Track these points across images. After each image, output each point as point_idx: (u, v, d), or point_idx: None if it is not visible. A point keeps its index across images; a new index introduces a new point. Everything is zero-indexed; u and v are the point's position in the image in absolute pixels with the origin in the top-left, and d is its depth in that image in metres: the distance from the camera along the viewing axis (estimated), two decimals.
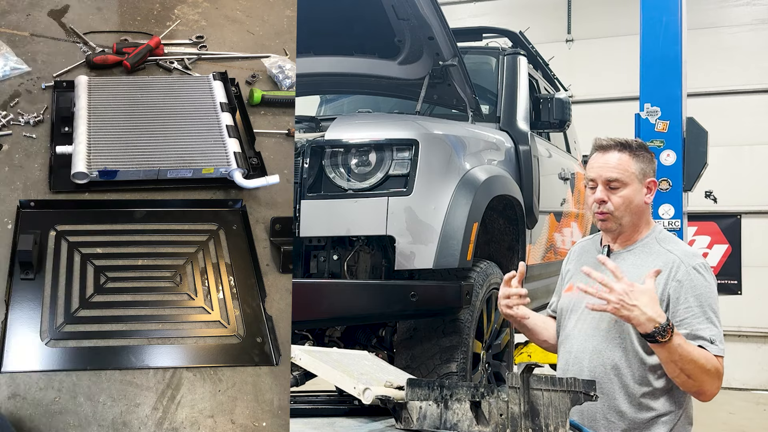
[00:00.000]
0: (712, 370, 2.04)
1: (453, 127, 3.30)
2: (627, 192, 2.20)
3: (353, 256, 2.93)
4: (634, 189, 2.21)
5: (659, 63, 3.70)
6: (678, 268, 2.16)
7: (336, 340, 3.29)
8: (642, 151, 2.26)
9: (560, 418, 1.67)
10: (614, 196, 2.20)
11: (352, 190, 2.84)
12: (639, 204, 2.23)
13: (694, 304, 2.11)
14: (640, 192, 2.23)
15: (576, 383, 1.72)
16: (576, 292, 2.28)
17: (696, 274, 2.16)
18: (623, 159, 2.21)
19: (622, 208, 2.21)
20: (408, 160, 2.86)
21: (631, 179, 2.20)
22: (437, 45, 3.37)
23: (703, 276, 2.18)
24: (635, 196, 2.21)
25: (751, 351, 8.26)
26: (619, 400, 2.15)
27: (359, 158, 2.89)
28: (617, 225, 2.24)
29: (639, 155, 2.23)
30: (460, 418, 1.70)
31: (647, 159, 2.26)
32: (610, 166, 2.21)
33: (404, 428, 1.78)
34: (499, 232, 3.90)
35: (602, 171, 2.22)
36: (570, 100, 4.26)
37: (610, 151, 2.23)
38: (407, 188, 2.84)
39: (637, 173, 2.21)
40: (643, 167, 2.23)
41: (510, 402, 1.67)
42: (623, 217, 2.22)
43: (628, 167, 2.20)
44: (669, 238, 2.30)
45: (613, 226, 2.24)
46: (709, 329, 2.08)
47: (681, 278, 2.14)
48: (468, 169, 3.14)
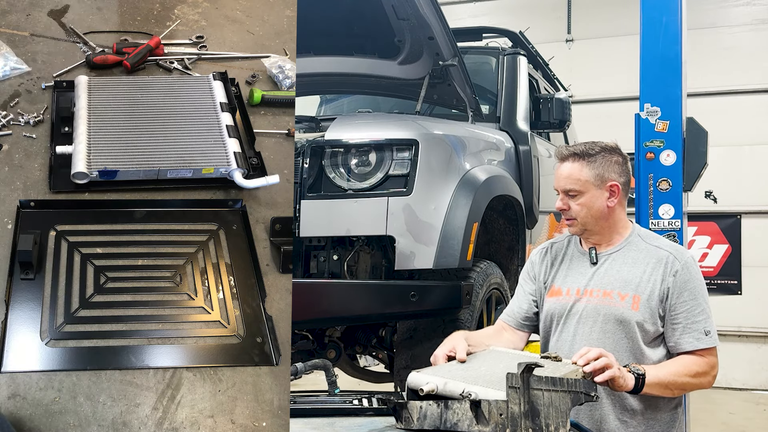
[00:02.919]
0: (702, 370, 2.15)
1: (453, 127, 3.30)
2: (584, 199, 2.26)
3: (353, 256, 2.93)
4: (592, 195, 2.25)
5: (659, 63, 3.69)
6: (672, 264, 2.21)
7: (336, 340, 3.29)
8: (602, 155, 2.27)
9: (560, 418, 1.67)
10: (573, 203, 2.27)
11: (352, 190, 2.84)
12: (600, 209, 2.26)
13: (689, 297, 2.19)
14: (600, 197, 2.26)
15: (576, 383, 1.72)
16: (566, 296, 2.29)
17: (689, 269, 2.22)
18: (575, 168, 2.26)
19: (583, 214, 2.26)
20: (408, 160, 2.86)
21: (585, 187, 2.25)
22: (437, 45, 3.37)
23: (695, 270, 2.24)
24: (594, 202, 2.26)
25: (751, 351, 8.26)
26: (630, 399, 2.17)
27: (359, 158, 2.89)
28: (582, 229, 2.29)
29: (594, 161, 2.26)
30: (460, 418, 1.70)
31: (607, 162, 2.27)
32: (563, 176, 2.28)
33: (404, 428, 1.78)
34: (499, 232, 3.90)
35: (558, 181, 2.30)
36: (570, 100, 4.26)
37: (565, 161, 2.30)
38: (407, 188, 2.84)
39: (592, 180, 2.25)
40: (600, 173, 2.25)
41: (510, 402, 1.67)
42: (587, 222, 2.27)
43: (580, 176, 2.25)
44: (651, 235, 2.36)
45: (578, 230, 2.30)
46: (704, 321, 2.18)
47: (676, 273, 2.20)
48: (468, 169, 3.14)
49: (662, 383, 2.07)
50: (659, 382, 2.06)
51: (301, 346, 3.22)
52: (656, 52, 3.70)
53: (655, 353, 2.19)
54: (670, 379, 2.10)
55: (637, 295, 2.19)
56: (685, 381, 2.13)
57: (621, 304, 2.19)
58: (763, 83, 8.34)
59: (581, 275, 2.29)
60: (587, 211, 2.25)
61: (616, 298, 2.20)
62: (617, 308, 2.19)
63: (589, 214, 2.26)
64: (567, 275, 2.32)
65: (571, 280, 2.30)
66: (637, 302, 2.18)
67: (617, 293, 2.20)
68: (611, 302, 2.20)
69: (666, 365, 2.15)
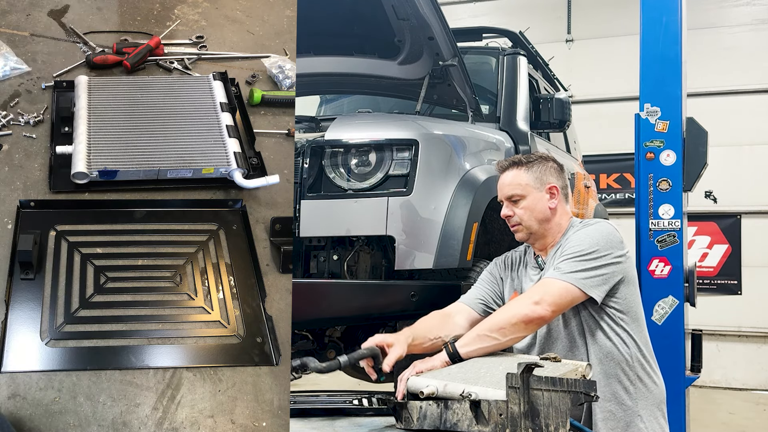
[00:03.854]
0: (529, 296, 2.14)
1: (453, 127, 3.30)
2: (526, 202, 2.37)
3: (353, 256, 2.93)
4: (534, 198, 2.37)
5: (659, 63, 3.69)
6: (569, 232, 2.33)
7: (336, 340, 3.28)
8: (539, 161, 2.41)
9: (560, 419, 1.67)
10: (516, 208, 2.38)
11: (352, 190, 2.84)
12: (542, 210, 2.37)
13: (570, 250, 2.23)
14: (541, 199, 2.37)
15: (576, 383, 1.72)
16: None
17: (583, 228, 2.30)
18: (516, 174, 2.40)
19: (526, 217, 2.37)
20: (408, 160, 2.86)
21: (527, 190, 2.37)
22: (437, 45, 3.37)
23: (584, 230, 2.29)
24: (536, 204, 2.36)
25: (751, 351, 8.25)
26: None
27: (359, 158, 2.89)
28: (528, 234, 2.38)
29: (532, 167, 2.39)
30: (460, 418, 1.70)
31: (542, 166, 2.40)
32: (506, 183, 2.41)
33: (404, 428, 1.78)
34: (499, 232, 3.90)
35: (501, 189, 2.43)
36: (570, 100, 4.25)
37: (506, 170, 2.43)
38: (407, 188, 2.83)
39: (532, 183, 2.38)
40: (539, 176, 2.39)
41: (510, 402, 1.67)
42: (531, 225, 2.37)
43: (521, 180, 2.38)
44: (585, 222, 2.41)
45: (524, 235, 2.40)
46: (566, 265, 2.18)
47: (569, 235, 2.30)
48: (468, 169, 3.14)
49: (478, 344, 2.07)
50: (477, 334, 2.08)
51: (301, 346, 3.22)
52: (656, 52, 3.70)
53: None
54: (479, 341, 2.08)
55: None
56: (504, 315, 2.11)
57: None
58: (763, 83, 8.34)
59: (532, 282, 2.37)
60: (530, 213, 2.36)
61: None
62: None
63: (533, 217, 2.36)
64: (524, 282, 2.42)
65: (526, 286, 2.39)
66: None
67: None
68: None
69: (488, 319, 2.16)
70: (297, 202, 2.80)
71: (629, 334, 2.26)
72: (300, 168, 2.87)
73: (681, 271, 3.55)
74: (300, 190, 2.83)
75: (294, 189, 2.80)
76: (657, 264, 3.55)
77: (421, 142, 2.88)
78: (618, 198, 8.49)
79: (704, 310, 4.44)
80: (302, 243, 2.93)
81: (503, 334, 2.09)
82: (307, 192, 2.83)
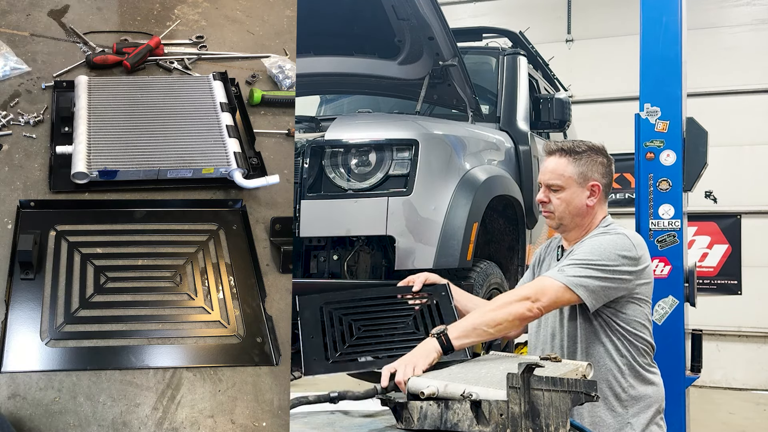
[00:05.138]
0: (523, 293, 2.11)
1: (453, 127, 3.30)
2: (564, 195, 2.32)
3: (353, 256, 2.93)
4: (573, 192, 2.31)
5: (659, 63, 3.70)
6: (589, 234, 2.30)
7: None
8: (588, 154, 2.33)
9: (561, 419, 1.67)
10: (554, 197, 2.33)
11: (352, 190, 2.84)
12: (579, 206, 2.32)
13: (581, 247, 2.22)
14: (580, 195, 2.32)
15: (577, 384, 1.72)
16: None
17: (600, 236, 2.26)
18: (560, 164, 2.33)
19: (561, 209, 2.32)
20: (408, 160, 2.86)
21: (568, 183, 2.31)
22: (437, 45, 3.37)
23: (612, 236, 2.25)
24: (574, 199, 2.31)
25: (751, 351, 8.26)
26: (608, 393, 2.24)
27: (359, 158, 2.89)
28: (558, 223, 2.36)
29: (579, 159, 2.32)
30: (461, 418, 1.70)
31: (592, 162, 2.33)
32: (548, 170, 2.34)
33: (405, 428, 1.77)
34: (499, 232, 3.90)
35: (543, 175, 2.36)
36: (570, 100, 4.26)
37: (552, 155, 2.36)
38: (407, 188, 2.84)
39: (575, 177, 2.31)
40: (584, 171, 2.32)
41: (510, 402, 1.67)
42: (564, 217, 2.33)
43: (564, 171, 2.32)
44: (613, 225, 2.37)
45: (554, 223, 2.37)
46: (573, 265, 2.16)
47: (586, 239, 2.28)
48: (468, 169, 3.14)
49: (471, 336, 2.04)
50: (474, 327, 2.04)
51: None
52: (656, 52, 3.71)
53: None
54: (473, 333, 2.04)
55: None
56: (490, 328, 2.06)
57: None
58: (763, 83, 8.34)
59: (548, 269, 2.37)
60: (566, 206, 2.32)
61: None
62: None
63: (567, 210, 2.32)
64: (542, 271, 2.42)
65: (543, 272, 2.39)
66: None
67: None
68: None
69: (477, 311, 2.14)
70: (297, 202, 2.80)
71: (626, 344, 2.24)
72: (300, 168, 2.87)
73: (681, 271, 3.55)
74: (300, 190, 2.83)
75: (294, 189, 2.80)
76: (657, 264, 3.55)
77: (421, 142, 2.88)
78: (618, 198, 8.48)
79: (704, 310, 4.43)
80: (302, 243, 2.93)
81: (499, 330, 2.08)
82: (307, 192, 2.83)
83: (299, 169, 2.86)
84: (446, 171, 3.01)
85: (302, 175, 2.85)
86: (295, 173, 2.84)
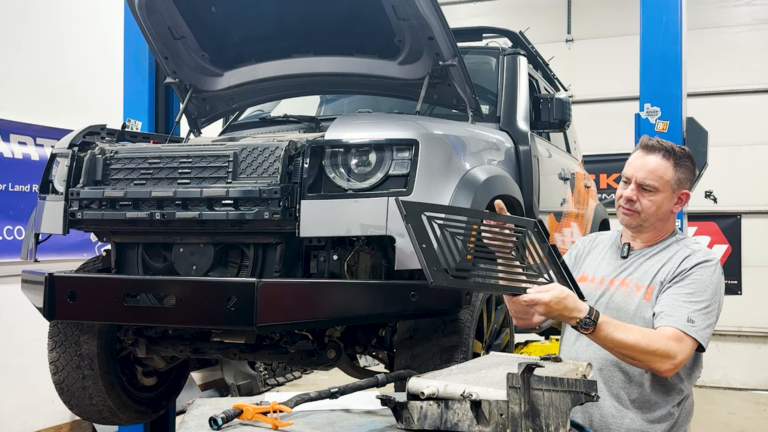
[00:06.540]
0: (659, 351, 2.05)
1: (453, 127, 3.29)
2: (657, 198, 2.23)
3: (353, 256, 2.93)
4: (665, 197, 2.23)
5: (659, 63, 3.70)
6: (689, 259, 2.21)
7: (336, 340, 3.28)
8: (685, 161, 2.25)
9: (561, 419, 1.67)
10: (644, 198, 2.23)
11: (352, 190, 2.84)
12: (666, 211, 2.26)
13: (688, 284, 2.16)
14: (670, 200, 2.25)
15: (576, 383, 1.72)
16: (588, 282, 2.34)
17: (703, 267, 2.19)
18: (662, 165, 2.22)
19: (650, 211, 2.24)
20: (408, 160, 2.86)
21: (664, 187, 2.22)
22: (437, 45, 3.36)
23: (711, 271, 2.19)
24: (664, 203, 2.24)
25: (751, 351, 8.26)
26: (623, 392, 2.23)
27: (359, 158, 2.88)
28: (639, 224, 2.27)
29: (681, 166, 2.24)
30: (461, 418, 1.70)
31: (687, 170, 2.26)
32: (648, 169, 2.22)
33: (405, 428, 1.78)
34: None
35: (639, 172, 2.24)
36: (570, 100, 4.26)
37: (653, 153, 2.24)
38: (407, 188, 2.83)
39: (672, 182, 2.23)
40: (681, 177, 2.24)
41: (510, 402, 1.67)
42: (648, 219, 2.25)
43: (664, 174, 2.22)
44: (689, 240, 2.34)
45: (634, 223, 2.27)
46: (695, 312, 2.10)
47: (684, 268, 2.19)
48: (468, 169, 3.14)
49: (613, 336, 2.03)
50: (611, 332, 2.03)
51: (301, 346, 3.22)
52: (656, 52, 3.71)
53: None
54: (620, 337, 2.03)
55: (651, 286, 2.23)
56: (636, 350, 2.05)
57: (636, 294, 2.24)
58: (763, 83, 8.35)
59: (609, 266, 2.34)
60: (656, 209, 2.24)
61: (632, 288, 2.26)
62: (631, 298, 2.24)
63: (655, 214, 2.25)
64: (599, 265, 2.37)
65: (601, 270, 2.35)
66: (650, 293, 2.23)
67: (634, 284, 2.26)
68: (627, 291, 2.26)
69: (629, 328, 2.09)
70: (297, 202, 2.80)
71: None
72: (300, 168, 2.86)
73: None
74: (300, 190, 2.83)
75: (294, 189, 2.80)
76: None
77: (421, 142, 2.88)
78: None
79: None
80: (302, 243, 2.92)
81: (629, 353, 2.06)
82: (307, 192, 2.82)
83: (299, 169, 2.86)
84: (446, 171, 3.00)
85: (302, 175, 2.85)
86: (295, 173, 2.84)
